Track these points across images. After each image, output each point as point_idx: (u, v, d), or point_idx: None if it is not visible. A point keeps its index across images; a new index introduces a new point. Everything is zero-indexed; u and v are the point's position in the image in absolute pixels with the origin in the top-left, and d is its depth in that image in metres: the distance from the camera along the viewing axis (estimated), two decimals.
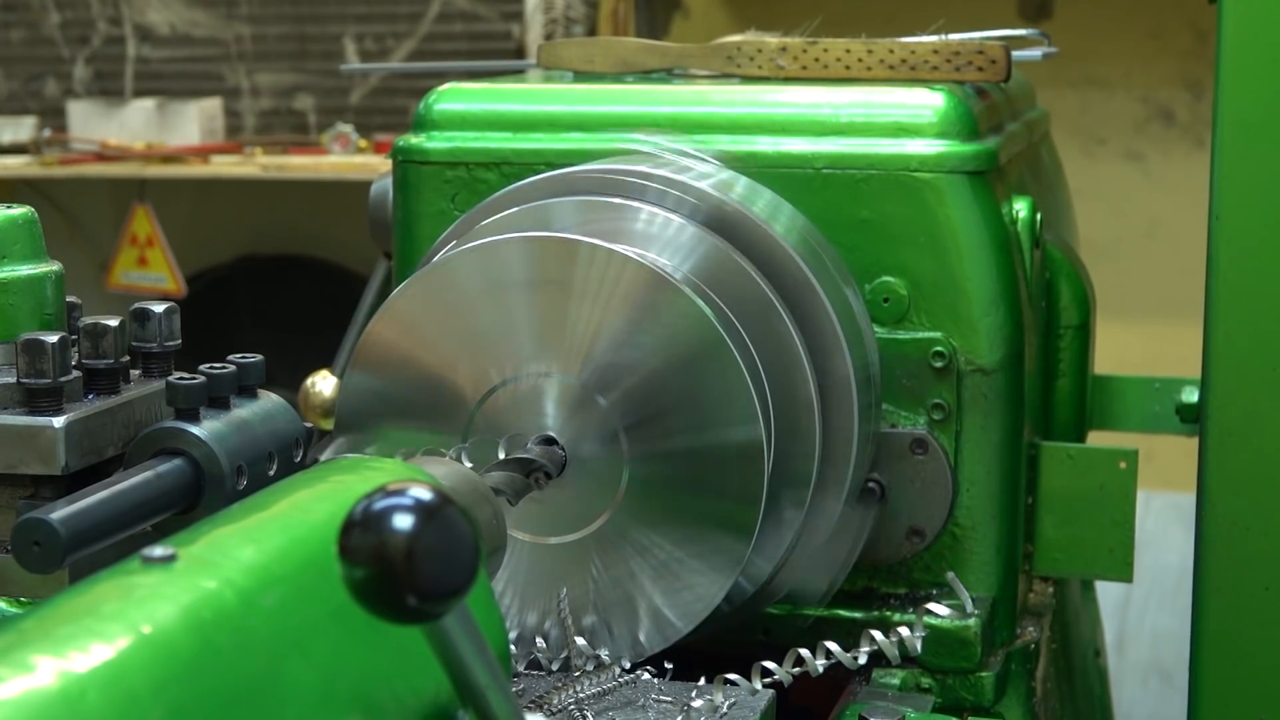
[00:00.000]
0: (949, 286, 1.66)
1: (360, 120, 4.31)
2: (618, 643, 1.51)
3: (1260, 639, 1.67)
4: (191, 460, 1.41)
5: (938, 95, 1.70)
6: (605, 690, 1.45)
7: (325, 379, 2.07)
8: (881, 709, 1.50)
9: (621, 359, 1.47)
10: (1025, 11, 4.09)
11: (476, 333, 1.50)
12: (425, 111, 1.80)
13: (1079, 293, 1.95)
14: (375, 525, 0.92)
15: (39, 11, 4.51)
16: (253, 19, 4.40)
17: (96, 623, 0.91)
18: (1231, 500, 1.66)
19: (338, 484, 1.18)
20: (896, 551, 1.69)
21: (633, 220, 1.54)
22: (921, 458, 1.67)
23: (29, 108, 4.53)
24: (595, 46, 1.93)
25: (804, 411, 1.52)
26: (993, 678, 1.67)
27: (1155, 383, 2.17)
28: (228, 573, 0.99)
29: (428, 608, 0.93)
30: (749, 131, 1.71)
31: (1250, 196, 1.63)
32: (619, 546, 1.49)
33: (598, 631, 1.51)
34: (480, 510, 1.34)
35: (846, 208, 1.68)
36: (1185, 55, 4.10)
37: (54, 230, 1.82)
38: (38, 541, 1.27)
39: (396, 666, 1.08)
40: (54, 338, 1.42)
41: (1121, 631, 3.67)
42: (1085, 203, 2.45)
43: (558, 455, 1.48)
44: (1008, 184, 1.78)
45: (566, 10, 4.14)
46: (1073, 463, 1.85)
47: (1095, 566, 1.87)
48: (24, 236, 1.50)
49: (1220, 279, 1.65)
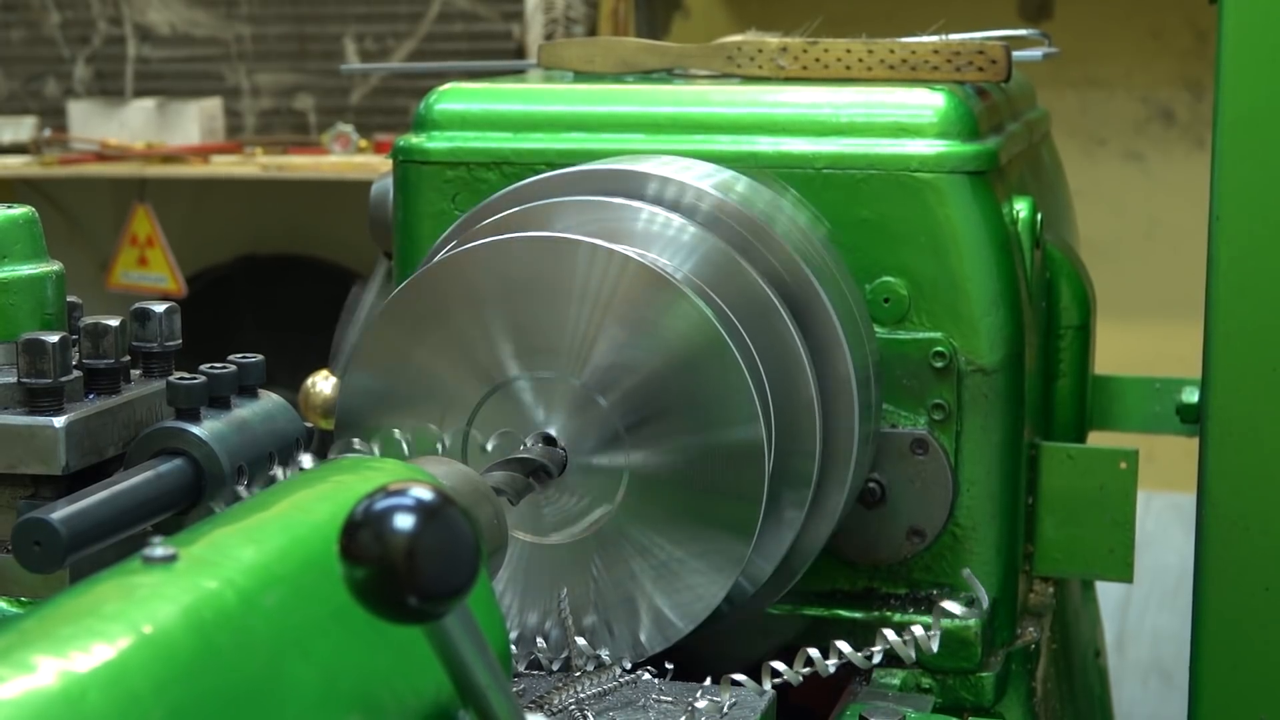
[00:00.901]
0: (949, 286, 1.66)
1: (360, 120, 4.31)
2: (618, 643, 1.50)
3: (1260, 639, 1.67)
4: (192, 460, 1.41)
5: (938, 95, 1.70)
6: (606, 690, 1.45)
7: (325, 379, 2.07)
8: (882, 709, 1.50)
9: (622, 359, 1.47)
10: (1025, 11, 4.09)
11: (477, 332, 1.50)
12: (425, 111, 1.80)
13: (1079, 293, 1.95)
14: (376, 525, 0.92)
15: (39, 11, 4.51)
16: (253, 19, 4.40)
17: (97, 623, 0.91)
18: (1231, 500, 1.66)
19: (338, 484, 1.18)
20: (896, 551, 1.69)
21: (633, 220, 1.54)
22: (922, 458, 1.67)
23: (29, 108, 4.53)
24: (595, 46, 1.93)
25: (804, 411, 1.52)
26: (993, 678, 1.67)
27: (1155, 383, 2.17)
28: (228, 573, 0.99)
29: (428, 608, 0.93)
30: (749, 131, 1.71)
31: (1250, 196, 1.63)
32: (619, 546, 1.49)
33: (598, 631, 1.51)
34: (481, 510, 1.34)
35: (847, 208, 1.68)
36: (1185, 55, 4.10)
37: (54, 230, 1.82)
38: (38, 541, 1.27)
39: (397, 666, 1.08)
40: (54, 338, 1.42)
41: (1121, 631, 3.68)
42: (1085, 203, 2.45)
43: (558, 455, 1.48)
44: (1008, 184, 1.77)
45: (566, 10, 4.14)
46: (1073, 463, 1.85)
47: (1095, 567, 1.87)
48: (24, 236, 1.50)
49: (1220, 279, 1.65)
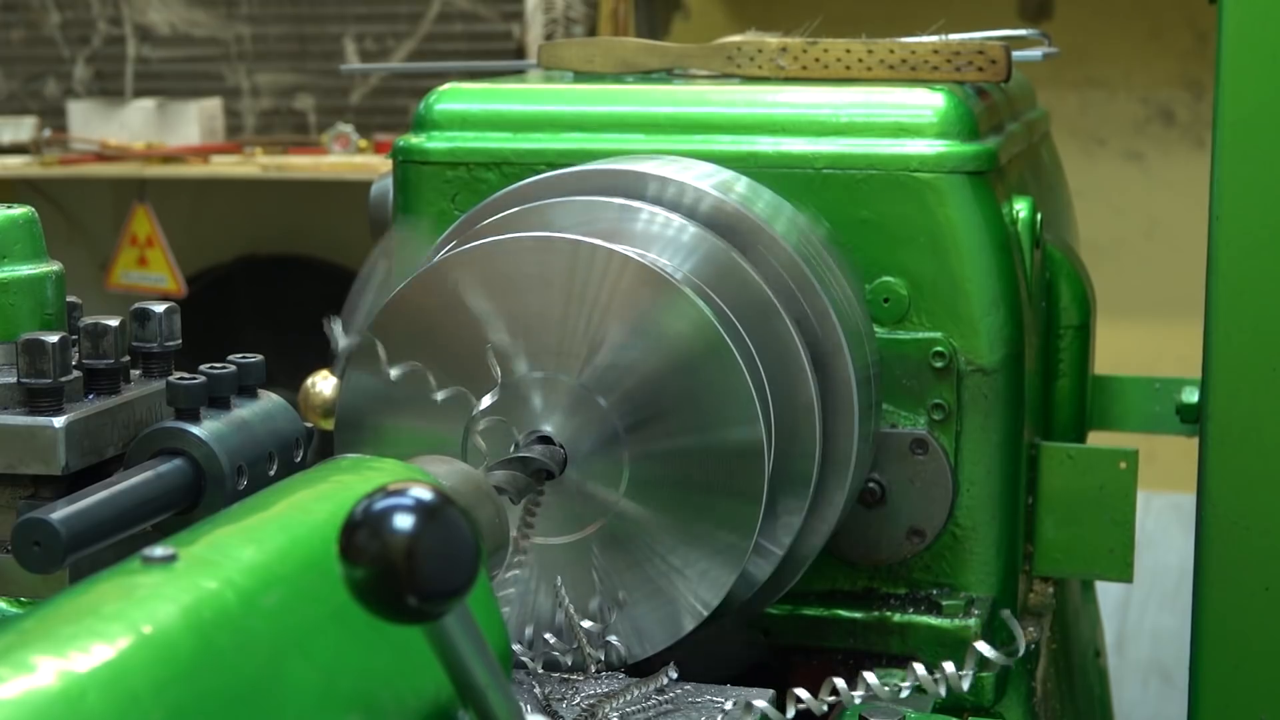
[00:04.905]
0: (949, 287, 1.66)
1: (360, 120, 4.31)
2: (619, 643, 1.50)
3: (1260, 639, 1.67)
4: (192, 460, 1.41)
5: (938, 95, 1.70)
6: (655, 702, 1.44)
7: (325, 379, 2.07)
8: (882, 709, 1.49)
9: (622, 359, 1.47)
10: (1025, 11, 4.09)
11: (476, 333, 1.50)
12: (425, 111, 1.80)
13: (1079, 293, 1.95)
14: (376, 525, 0.92)
15: (39, 11, 4.51)
16: (253, 19, 4.39)
17: (97, 623, 0.91)
18: (1231, 500, 1.66)
19: (338, 484, 1.18)
20: (896, 551, 1.69)
21: (633, 220, 1.54)
22: (921, 458, 1.67)
23: (29, 108, 4.53)
24: (595, 46, 1.93)
25: (804, 412, 1.52)
26: (993, 678, 1.67)
27: (1155, 383, 2.17)
28: (228, 573, 0.99)
29: (428, 608, 0.93)
30: (749, 131, 1.71)
31: (1250, 196, 1.63)
32: (619, 547, 1.49)
33: (598, 632, 1.51)
34: (483, 509, 1.34)
35: (846, 208, 1.68)
36: (1185, 55, 4.10)
37: (54, 230, 1.82)
38: (38, 541, 1.27)
39: (396, 666, 1.08)
40: (54, 338, 1.42)
41: (1121, 631, 3.68)
42: (1085, 203, 2.45)
43: (559, 454, 1.48)
44: (1008, 184, 1.77)
45: (566, 10, 4.14)
46: (1073, 463, 1.85)
47: (1095, 567, 1.87)
48: (24, 236, 1.50)
49: (1220, 279, 1.65)
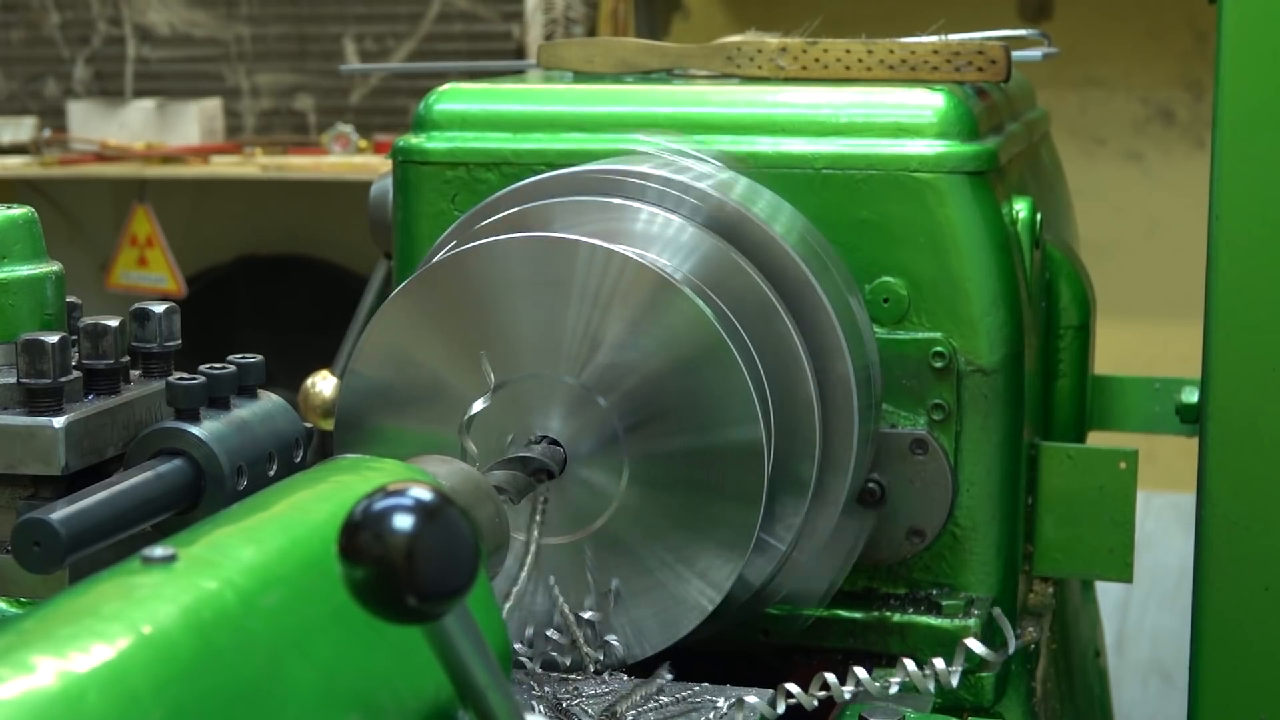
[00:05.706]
0: (949, 287, 1.66)
1: (360, 120, 4.31)
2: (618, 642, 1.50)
3: (1260, 639, 1.67)
4: (192, 460, 1.41)
5: (938, 95, 1.70)
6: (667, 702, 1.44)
7: (325, 379, 2.07)
8: (881, 709, 1.49)
9: (621, 359, 1.47)
10: (1025, 11, 4.09)
11: (476, 333, 1.50)
12: (425, 112, 1.79)
13: (1079, 293, 1.95)
14: (375, 525, 0.92)
15: (39, 11, 4.51)
16: (253, 19, 4.39)
17: (97, 623, 0.91)
18: (1231, 500, 1.66)
19: (338, 484, 1.18)
20: (896, 551, 1.69)
21: (633, 220, 1.54)
22: (921, 458, 1.67)
23: (29, 108, 4.53)
24: (595, 46, 1.93)
25: (804, 412, 1.52)
26: (992, 678, 1.67)
27: (1155, 383, 2.17)
28: (228, 573, 0.99)
29: (428, 608, 0.93)
30: (749, 132, 1.71)
31: (1250, 196, 1.63)
32: (619, 547, 1.49)
33: (598, 632, 1.51)
34: (482, 509, 1.34)
35: (846, 208, 1.67)
36: (1185, 55, 4.10)
37: (54, 230, 1.82)
38: (38, 542, 1.27)
39: (396, 666, 1.08)
40: (54, 338, 1.42)
41: (1121, 631, 3.67)
42: (1085, 203, 2.45)
43: (559, 454, 1.48)
44: (1008, 184, 1.77)
45: (566, 10, 4.14)
46: (1073, 463, 1.85)
47: (1095, 567, 1.87)
48: (24, 236, 1.50)
49: (1220, 279, 1.65)
